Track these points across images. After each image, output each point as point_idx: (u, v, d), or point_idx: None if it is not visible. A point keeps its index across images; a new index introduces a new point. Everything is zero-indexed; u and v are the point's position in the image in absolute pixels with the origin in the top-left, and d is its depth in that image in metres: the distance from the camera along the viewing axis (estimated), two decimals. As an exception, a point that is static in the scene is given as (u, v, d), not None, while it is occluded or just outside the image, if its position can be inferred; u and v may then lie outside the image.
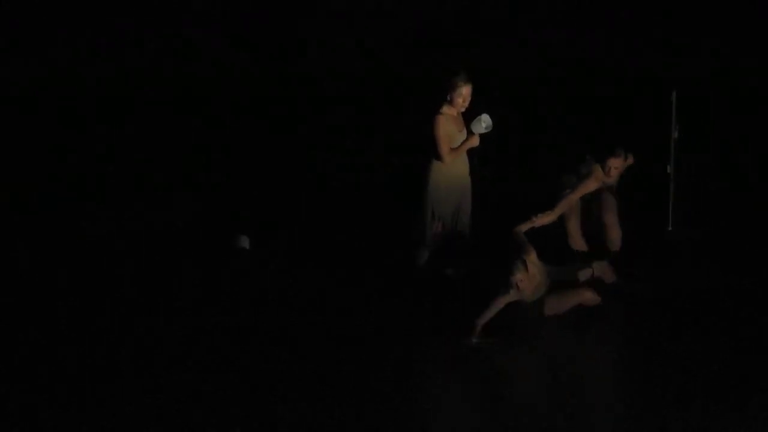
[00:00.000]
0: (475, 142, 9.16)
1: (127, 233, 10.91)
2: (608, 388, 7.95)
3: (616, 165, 9.58)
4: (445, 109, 9.16)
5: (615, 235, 9.87)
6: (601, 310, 8.94)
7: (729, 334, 8.49)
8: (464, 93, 9.09)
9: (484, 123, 9.03)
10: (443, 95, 9.15)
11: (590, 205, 9.78)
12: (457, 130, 9.20)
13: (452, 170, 9.20)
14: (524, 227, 9.07)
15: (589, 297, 8.93)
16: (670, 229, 10.44)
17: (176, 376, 8.00)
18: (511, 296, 8.67)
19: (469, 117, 9.25)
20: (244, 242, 10.38)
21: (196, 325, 8.84)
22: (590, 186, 9.54)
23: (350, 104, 14.76)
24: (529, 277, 8.65)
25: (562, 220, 9.56)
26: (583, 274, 9.07)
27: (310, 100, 15.05)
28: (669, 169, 10.36)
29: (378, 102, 14.70)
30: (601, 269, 9.20)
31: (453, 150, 9.15)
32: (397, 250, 9.72)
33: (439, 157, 9.14)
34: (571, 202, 9.51)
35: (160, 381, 7.93)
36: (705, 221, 10.64)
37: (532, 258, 8.71)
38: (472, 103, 9.24)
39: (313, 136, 13.77)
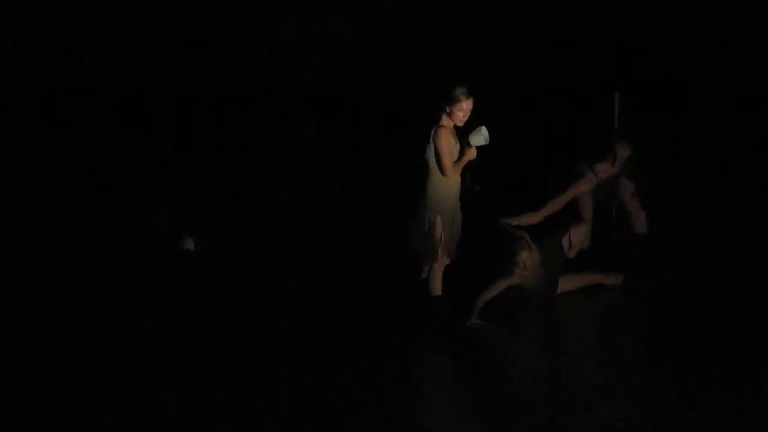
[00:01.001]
0: (473, 154, 8.79)
1: (125, 234, 10.89)
2: (608, 387, 7.95)
3: (605, 169, 9.86)
4: (444, 121, 8.83)
5: (639, 220, 10.24)
6: (601, 309, 9.15)
7: (728, 334, 8.69)
8: (465, 107, 8.76)
9: (483, 136, 8.70)
10: (442, 107, 8.82)
11: (599, 198, 10.06)
12: (454, 142, 8.87)
13: (451, 182, 8.87)
14: (512, 222, 9.19)
15: (596, 279, 9.21)
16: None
17: (177, 376, 8.05)
18: (514, 278, 8.82)
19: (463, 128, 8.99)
20: (188, 244, 10.40)
21: (195, 326, 8.87)
22: (581, 188, 9.80)
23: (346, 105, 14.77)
24: (532, 256, 8.81)
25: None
26: (565, 242, 9.27)
27: (303, 101, 15.07)
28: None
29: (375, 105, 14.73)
30: (578, 234, 9.38)
31: (455, 163, 8.81)
32: (396, 250, 9.59)
33: (442, 171, 8.78)
34: (557, 205, 9.67)
35: (160, 381, 7.98)
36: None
37: (529, 241, 8.91)
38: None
39: (311, 136, 13.77)
